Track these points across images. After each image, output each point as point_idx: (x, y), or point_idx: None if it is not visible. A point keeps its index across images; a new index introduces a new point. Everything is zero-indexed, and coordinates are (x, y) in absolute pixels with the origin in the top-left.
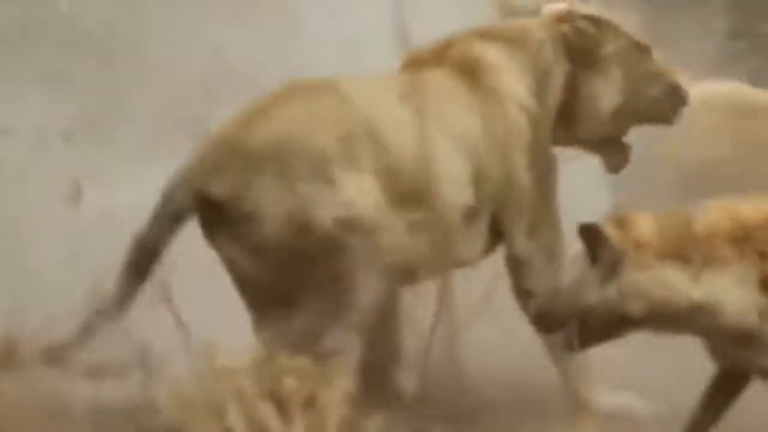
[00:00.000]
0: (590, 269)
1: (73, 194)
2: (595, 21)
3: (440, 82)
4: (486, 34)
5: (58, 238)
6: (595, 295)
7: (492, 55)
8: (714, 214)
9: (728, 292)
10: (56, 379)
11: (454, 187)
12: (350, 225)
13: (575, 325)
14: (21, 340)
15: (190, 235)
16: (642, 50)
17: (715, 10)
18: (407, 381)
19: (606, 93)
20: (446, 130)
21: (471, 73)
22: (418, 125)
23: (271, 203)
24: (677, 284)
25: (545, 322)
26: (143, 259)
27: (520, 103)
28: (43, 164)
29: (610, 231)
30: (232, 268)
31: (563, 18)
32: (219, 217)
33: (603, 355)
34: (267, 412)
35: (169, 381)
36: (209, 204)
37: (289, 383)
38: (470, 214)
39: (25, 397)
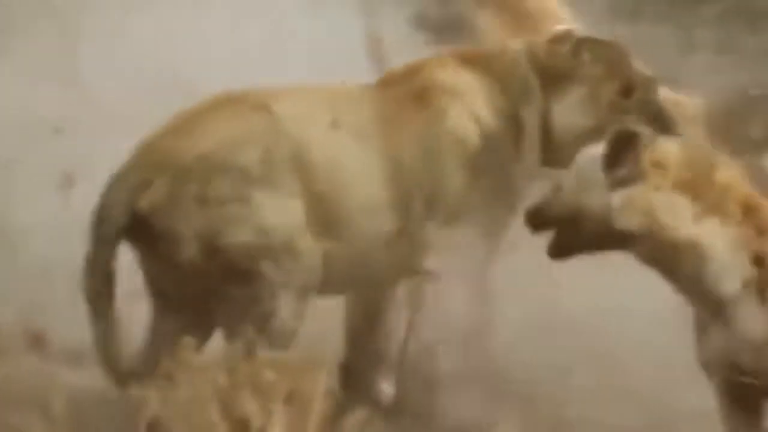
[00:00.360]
0: (602, 173)
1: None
2: (576, 41)
3: (385, 102)
4: (462, 56)
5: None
6: (599, 199)
7: (454, 77)
8: (736, 172)
9: (722, 244)
10: (37, 366)
11: (375, 216)
12: (262, 249)
13: (565, 228)
14: (3, 327)
15: None
16: (650, 81)
17: (703, 24)
18: (387, 387)
19: (576, 114)
20: (378, 151)
21: (423, 94)
22: (346, 150)
23: (186, 223)
24: (681, 214)
25: (537, 217)
26: (100, 283)
27: (476, 121)
28: None
29: None
30: (152, 282)
31: (557, 40)
32: (141, 230)
33: None
34: (248, 405)
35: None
36: (135, 216)
37: (270, 377)
38: (395, 236)
39: (5, 384)
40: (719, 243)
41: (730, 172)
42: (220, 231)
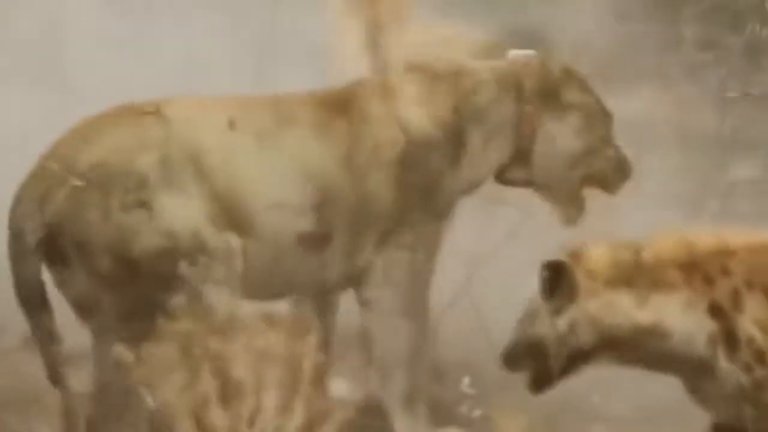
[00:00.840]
0: (543, 303)
1: None
2: (563, 69)
3: (301, 106)
4: (414, 66)
5: None
6: (548, 329)
7: (392, 83)
8: (663, 242)
9: (675, 315)
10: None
11: (284, 215)
12: (173, 252)
13: (535, 364)
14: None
15: None
16: (605, 115)
17: (684, 21)
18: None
19: (564, 137)
20: (283, 154)
21: (352, 97)
22: (244, 150)
23: (95, 234)
24: (624, 308)
25: (510, 359)
26: (32, 296)
27: (403, 124)
28: None
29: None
30: (77, 303)
31: (524, 64)
32: (54, 245)
33: None
34: (240, 370)
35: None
36: (47, 228)
37: (263, 340)
38: (313, 240)
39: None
40: (672, 315)
41: (657, 244)
42: (129, 240)
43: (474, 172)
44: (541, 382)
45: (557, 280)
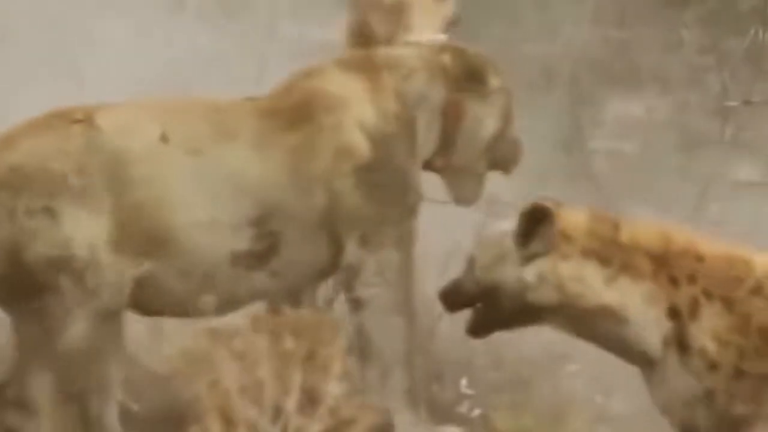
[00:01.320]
0: (515, 248)
1: None
2: (476, 54)
3: (243, 118)
4: (345, 63)
5: None
6: (512, 275)
7: (338, 86)
8: (642, 227)
9: (636, 304)
10: None
11: (213, 234)
12: (62, 264)
13: (481, 306)
14: None
15: None
16: (510, 95)
17: (685, 25)
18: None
19: (488, 120)
20: (218, 170)
21: (303, 107)
22: (174, 164)
23: None
24: (592, 282)
25: (452, 297)
26: None
27: (361, 126)
28: None
29: None
30: None
31: (443, 49)
32: None
33: None
34: (265, 371)
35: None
36: None
37: (288, 343)
38: (251, 255)
39: None
40: (634, 303)
41: (635, 227)
42: (25, 244)
43: (420, 161)
44: (482, 327)
45: (535, 228)
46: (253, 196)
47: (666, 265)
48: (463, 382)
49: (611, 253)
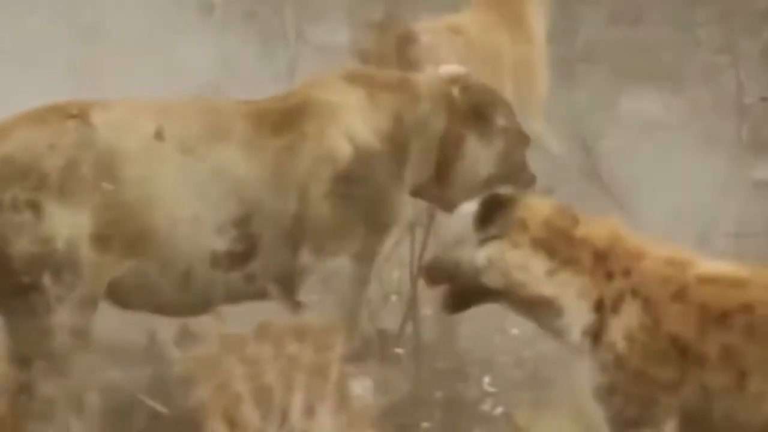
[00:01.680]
0: (473, 231)
1: None
2: (488, 91)
3: (236, 119)
4: (352, 75)
5: None
6: (469, 256)
7: (334, 95)
8: (598, 224)
9: (570, 297)
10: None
11: (196, 233)
12: (44, 261)
13: (452, 283)
14: None
15: None
16: (525, 139)
17: (701, 24)
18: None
19: (487, 160)
20: (207, 169)
21: (293, 111)
22: (167, 162)
23: None
24: (535, 272)
25: (431, 272)
26: None
27: (349, 137)
28: None
29: None
30: None
31: (454, 81)
32: None
33: None
34: (272, 377)
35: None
36: None
37: (293, 348)
38: (231, 256)
39: None
40: (569, 296)
41: (593, 225)
42: (9, 238)
43: (410, 184)
44: (453, 304)
45: (494, 214)
46: (238, 196)
47: (606, 260)
48: (486, 380)
49: (559, 246)
